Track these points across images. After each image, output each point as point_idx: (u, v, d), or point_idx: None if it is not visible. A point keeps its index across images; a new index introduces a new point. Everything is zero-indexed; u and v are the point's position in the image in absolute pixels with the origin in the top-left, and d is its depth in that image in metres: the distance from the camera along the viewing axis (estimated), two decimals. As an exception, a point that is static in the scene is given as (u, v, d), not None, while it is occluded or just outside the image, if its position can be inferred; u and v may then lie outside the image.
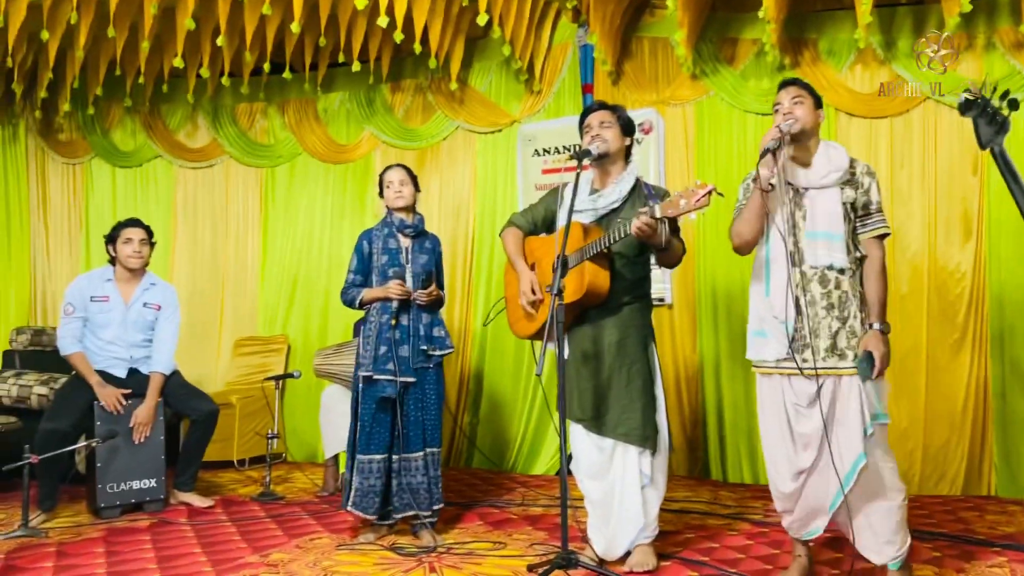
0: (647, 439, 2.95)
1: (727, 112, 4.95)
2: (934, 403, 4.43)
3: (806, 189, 2.68)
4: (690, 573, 2.90)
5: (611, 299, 3.00)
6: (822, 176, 2.69)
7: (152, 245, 4.11)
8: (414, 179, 3.59)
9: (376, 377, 3.32)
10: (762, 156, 2.63)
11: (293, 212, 5.92)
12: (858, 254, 2.70)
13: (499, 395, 5.35)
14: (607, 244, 2.89)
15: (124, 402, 3.86)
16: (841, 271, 2.63)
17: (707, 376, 4.87)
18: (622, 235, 2.84)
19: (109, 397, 3.81)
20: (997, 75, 4.42)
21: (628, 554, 2.99)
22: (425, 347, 3.39)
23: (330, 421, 4.35)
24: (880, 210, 2.74)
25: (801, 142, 2.72)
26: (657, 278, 4.96)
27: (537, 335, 3.10)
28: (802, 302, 2.64)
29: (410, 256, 3.50)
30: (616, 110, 3.15)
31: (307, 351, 5.62)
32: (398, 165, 3.61)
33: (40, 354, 5.14)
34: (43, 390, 4.56)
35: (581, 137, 3.18)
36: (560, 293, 2.81)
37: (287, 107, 5.94)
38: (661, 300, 4.98)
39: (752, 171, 2.99)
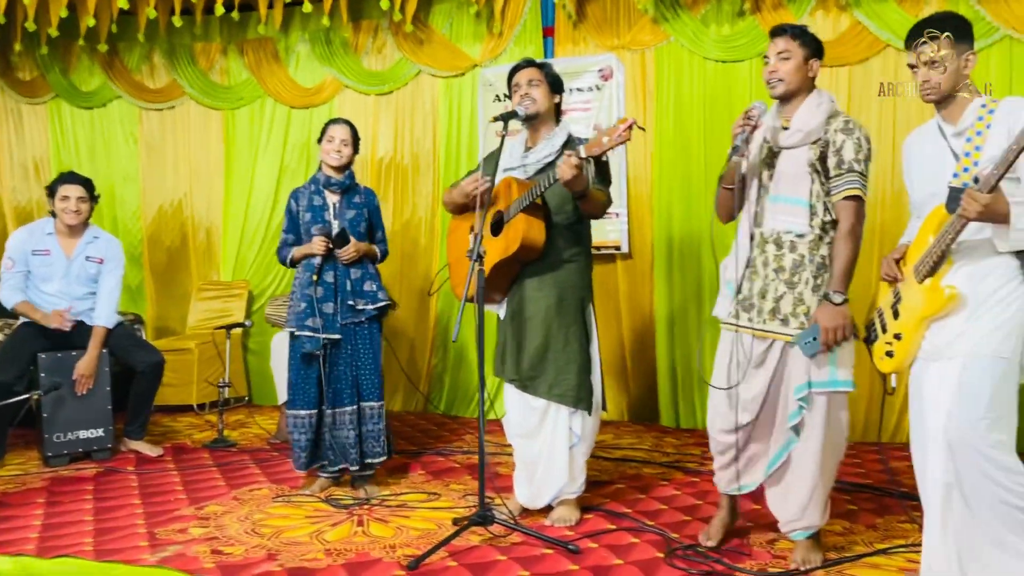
0: (581, 400, 3.00)
1: (688, 59, 4.86)
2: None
3: (779, 149, 2.61)
4: (608, 526, 2.99)
5: (549, 254, 3.00)
6: (788, 136, 2.59)
7: (94, 199, 4.09)
8: (356, 141, 3.54)
9: (297, 333, 3.36)
10: (730, 158, 2.59)
11: (254, 156, 5.85)
12: (827, 218, 2.55)
13: (466, 343, 5.38)
14: (539, 192, 2.88)
15: (69, 319, 3.90)
16: (800, 235, 2.56)
17: (660, 323, 4.91)
18: (551, 181, 2.82)
19: (55, 319, 3.86)
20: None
21: (552, 507, 3.08)
22: (351, 302, 3.41)
23: (280, 366, 4.41)
24: (852, 170, 2.50)
25: (787, 102, 2.62)
26: (615, 226, 5.01)
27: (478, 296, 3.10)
28: (757, 263, 2.63)
29: (337, 212, 3.49)
30: (544, 67, 3.10)
31: (271, 296, 5.66)
32: (345, 123, 3.53)
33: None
34: (-2, 336, 4.60)
35: (509, 94, 3.14)
36: (480, 258, 2.82)
37: (246, 47, 5.81)
38: (617, 248, 5.00)
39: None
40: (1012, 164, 1.98)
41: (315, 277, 3.37)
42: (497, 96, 5.23)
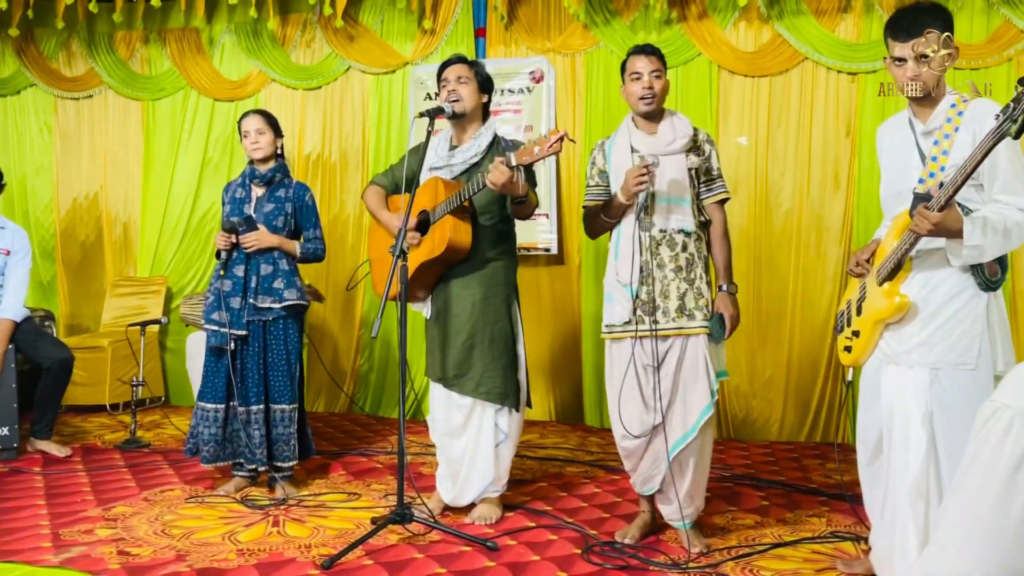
0: (507, 397, 3.02)
1: (616, 64, 4.86)
2: (799, 352, 4.62)
3: (654, 155, 2.71)
4: (528, 523, 3.00)
5: (475, 254, 3.01)
6: (668, 143, 2.76)
7: (2, 188, 3.90)
8: (273, 125, 3.44)
9: (204, 326, 3.31)
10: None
11: (176, 149, 5.67)
12: (702, 218, 2.81)
13: (393, 343, 5.33)
14: (466, 196, 2.89)
15: None
16: (688, 234, 2.74)
17: (587, 324, 4.96)
18: (480, 186, 2.83)
19: None
20: (875, 37, 4.51)
21: (473, 505, 3.08)
22: (254, 300, 3.30)
23: (196, 367, 4.29)
24: (721, 175, 2.86)
25: (652, 117, 2.79)
26: (545, 228, 5.05)
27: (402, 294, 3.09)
28: (652, 265, 2.71)
29: (258, 205, 3.41)
30: (475, 65, 3.11)
31: (188, 294, 5.50)
32: (255, 112, 3.46)
33: None
34: None
35: (438, 89, 3.13)
36: (404, 254, 2.81)
37: (168, 37, 5.64)
38: (547, 249, 5.04)
39: (600, 141, 3.01)
40: (960, 187, 1.98)
41: (222, 272, 3.31)
42: (428, 95, 5.21)
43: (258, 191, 3.43)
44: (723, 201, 2.85)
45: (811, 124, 4.65)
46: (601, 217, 2.83)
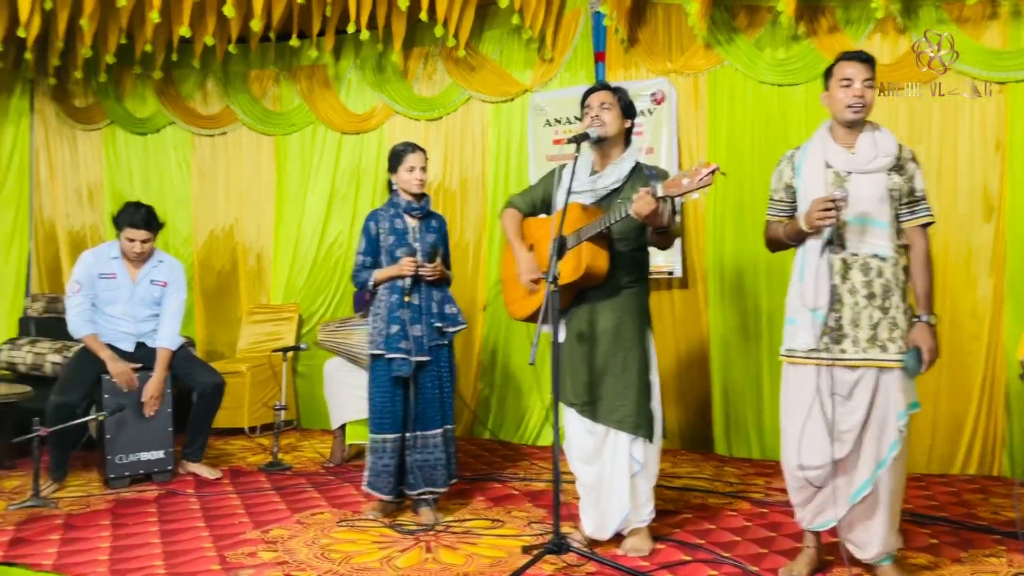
0: (640, 427, 2.95)
1: (741, 82, 4.83)
2: (950, 379, 4.35)
3: (849, 173, 2.60)
4: (683, 557, 2.91)
5: (610, 280, 2.98)
6: (868, 161, 2.61)
7: (159, 228, 4.12)
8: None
9: (388, 356, 3.34)
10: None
11: (306, 181, 5.90)
12: (900, 242, 2.62)
13: (513, 367, 5.35)
14: (607, 224, 2.86)
15: (135, 380, 3.91)
16: (884, 259, 2.57)
17: (714, 349, 4.84)
18: (622, 215, 2.80)
19: (122, 375, 3.87)
20: (1024, 44, 4.27)
21: (619, 535, 3.02)
22: (439, 324, 3.43)
23: (334, 392, 4.41)
24: (925, 197, 2.65)
25: (853, 128, 2.65)
26: (668, 250, 4.95)
27: (533, 317, 3.10)
28: (842, 290, 2.59)
29: (417, 236, 3.50)
30: (618, 92, 3.10)
31: (320, 320, 5.67)
32: (421, 149, 3.53)
33: (55, 321, 5.21)
34: (57, 358, 4.65)
35: (581, 116, 3.13)
36: (555, 280, 2.79)
37: (299, 74, 5.89)
38: (670, 273, 4.95)
39: (789, 152, 2.89)
40: None
41: (407, 298, 3.38)
42: (547, 121, 5.24)
43: (412, 222, 3.52)
44: (926, 225, 2.64)
45: (956, 138, 4.42)
46: (781, 236, 2.73)
